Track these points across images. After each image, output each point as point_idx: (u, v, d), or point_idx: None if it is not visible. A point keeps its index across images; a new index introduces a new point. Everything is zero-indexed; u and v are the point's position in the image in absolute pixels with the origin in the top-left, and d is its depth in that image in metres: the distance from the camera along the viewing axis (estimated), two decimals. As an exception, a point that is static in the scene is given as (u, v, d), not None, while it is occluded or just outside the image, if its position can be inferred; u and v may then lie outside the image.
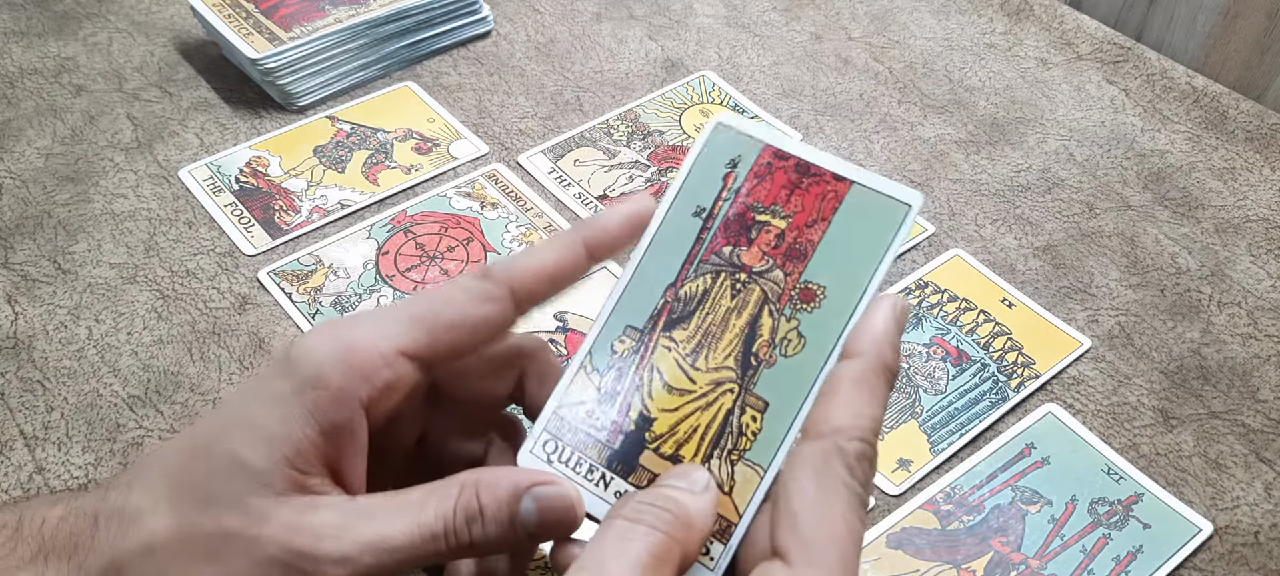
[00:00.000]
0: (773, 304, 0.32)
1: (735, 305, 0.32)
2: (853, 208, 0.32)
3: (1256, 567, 0.42)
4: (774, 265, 0.32)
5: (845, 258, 0.32)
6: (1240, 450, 0.46)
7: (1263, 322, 0.51)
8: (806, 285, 0.32)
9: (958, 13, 0.70)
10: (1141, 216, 0.57)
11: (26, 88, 0.61)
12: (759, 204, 0.33)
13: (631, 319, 0.33)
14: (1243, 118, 0.63)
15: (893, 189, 0.32)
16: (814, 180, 0.33)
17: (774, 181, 0.33)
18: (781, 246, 0.32)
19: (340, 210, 0.54)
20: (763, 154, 0.33)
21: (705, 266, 0.33)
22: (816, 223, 0.32)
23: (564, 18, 0.68)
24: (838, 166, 0.32)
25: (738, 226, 0.33)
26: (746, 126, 0.34)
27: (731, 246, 0.33)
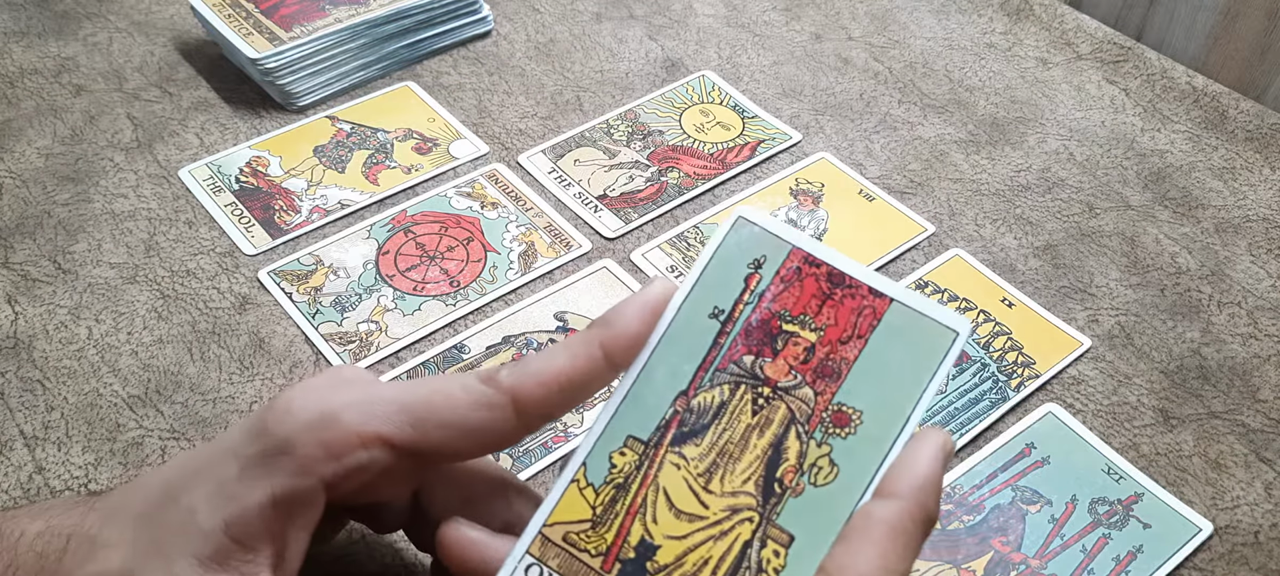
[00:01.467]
0: (801, 425, 0.28)
1: (757, 423, 0.29)
2: (893, 327, 0.29)
3: (1256, 567, 0.42)
4: (803, 382, 0.29)
5: (884, 382, 0.28)
6: (1240, 450, 0.46)
7: (1263, 322, 0.51)
8: (840, 408, 0.28)
9: (958, 13, 0.70)
10: (1141, 216, 0.57)
11: (26, 88, 0.61)
12: (786, 312, 0.30)
13: (635, 428, 0.29)
14: (1243, 118, 0.63)
15: (938, 312, 0.29)
16: (848, 292, 0.30)
17: (803, 289, 0.30)
18: (811, 361, 0.29)
19: (340, 210, 0.54)
20: (791, 257, 0.30)
21: (722, 375, 0.29)
22: (852, 339, 0.29)
23: (564, 18, 0.68)
24: (875, 280, 0.29)
25: (762, 334, 0.30)
26: (772, 224, 0.31)
27: (754, 356, 0.29)
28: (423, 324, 0.49)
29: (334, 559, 0.40)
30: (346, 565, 0.40)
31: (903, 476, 0.27)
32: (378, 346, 0.48)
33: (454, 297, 0.50)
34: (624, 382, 0.30)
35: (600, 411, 0.30)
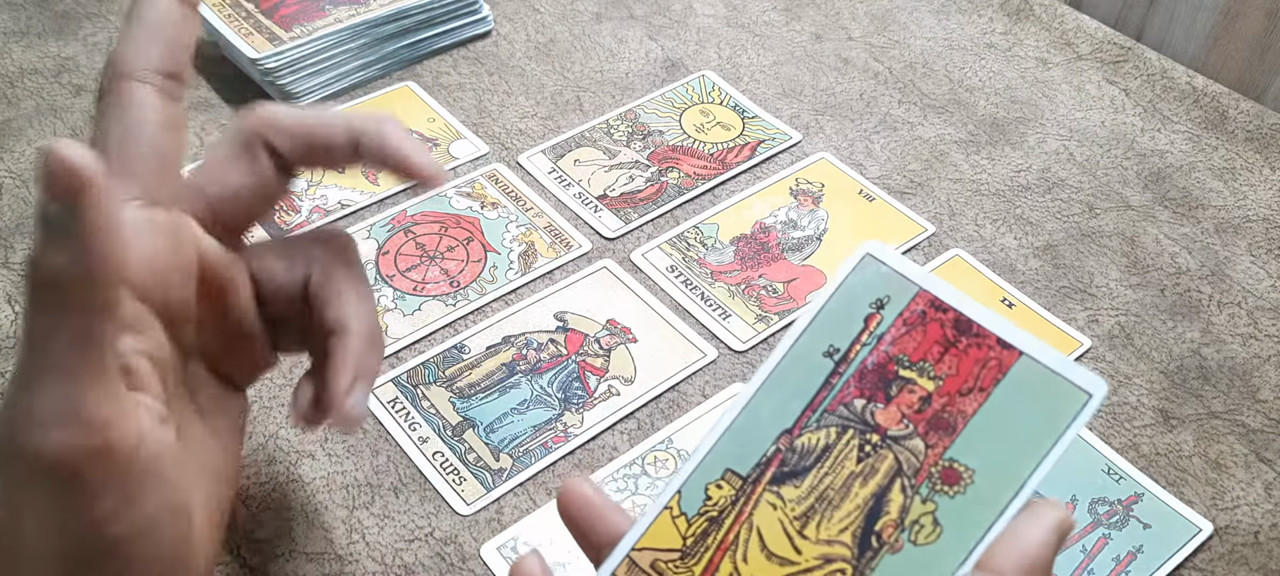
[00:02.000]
0: (907, 478, 0.27)
1: (861, 471, 0.27)
2: (1019, 383, 0.27)
3: (1256, 567, 0.42)
4: (914, 432, 0.27)
5: (1003, 442, 0.27)
6: (1240, 450, 0.46)
7: (1263, 322, 0.51)
8: (951, 464, 0.27)
9: (958, 13, 0.70)
10: (1141, 216, 0.57)
11: (26, 88, 0.61)
12: (905, 357, 0.28)
13: (734, 462, 0.28)
14: (1243, 118, 0.63)
15: (1071, 371, 0.27)
16: (974, 341, 0.28)
17: (927, 334, 0.28)
18: (926, 412, 0.28)
19: (340, 210, 0.54)
20: (917, 299, 0.29)
21: (830, 418, 0.28)
22: (972, 392, 0.27)
23: (564, 18, 0.68)
24: (1006, 331, 0.28)
25: (876, 379, 0.28)
26: (900, 263, 0.29)
27: (865, 400, 0.28)
28: (423, 324, 0.49)
29: (336, 558, 0.40)
30: (346, 565, 0.40)
31: (1010, 551, 0.25)
32: (378, 346, 0.48)
33: (454, 298, 0.50)
34: (728, 414, 0.29)
35: (701, 440, 0.29)
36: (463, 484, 0.43)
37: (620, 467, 0.44)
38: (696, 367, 0.48)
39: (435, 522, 0.42)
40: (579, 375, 0.47)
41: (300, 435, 0.44)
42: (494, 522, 0.42)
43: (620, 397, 0.46)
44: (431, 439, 0.44)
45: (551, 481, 0.43)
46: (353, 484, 0.43)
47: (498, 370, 0.47)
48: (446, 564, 0.40)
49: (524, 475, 0.43)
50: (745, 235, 0.54)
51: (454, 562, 0.40)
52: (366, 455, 0.44)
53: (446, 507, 0.42)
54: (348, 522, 0.41)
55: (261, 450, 0.44)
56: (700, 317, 0.50)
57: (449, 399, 0.46)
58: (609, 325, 0.49)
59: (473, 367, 0.47)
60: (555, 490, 0.43)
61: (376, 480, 0.43)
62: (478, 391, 0.46)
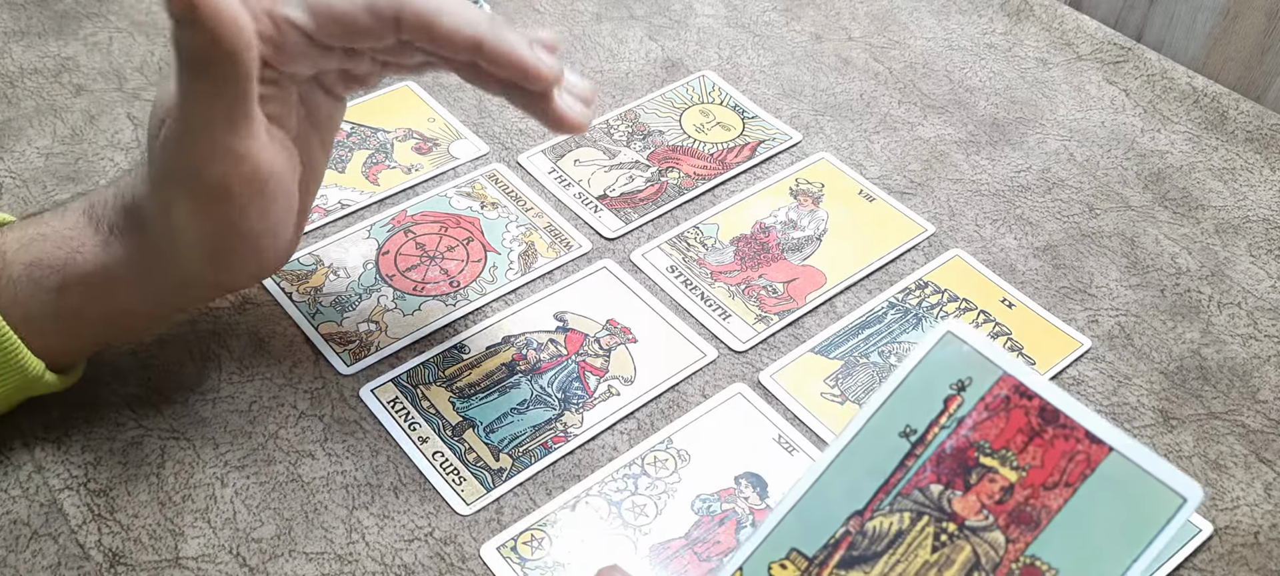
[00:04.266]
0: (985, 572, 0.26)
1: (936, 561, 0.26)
2: (1108, 481, 0.26)
3: (1256, 568, 0.42)
4: (994, 524, 0.26)
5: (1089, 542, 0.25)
6: (1240, 450, 0.46)
7: (1263, 323, 0.51)
8: (1034, 562, 0.25)
9: (958, 13, 0.70)
10: (1141, 216, 0.57)
11: (26, 87, 0.61)
12: (986, 443, 0.27)
13: (801, 541, 0.27)
14: (1243, 118, 0.63)
15: (1165, 472, 0.26)
16: (1062, 432, 0.27)
17: (1010, 421, 0.27)
18: (1007, 503, 0.26)
19: (340, 210, 0.54)
20: (1000, 383, 0.27)
21: (904, 502, 0.27)
22: (1058, 487, 0.26)
23: (564, 18, 0.68)
24: (1095, 424, 0.27)
25: (955, 464, 0.27)
26: (983, 344, 0.28)
27: (943, 487, 0.27)
28: (423, 324, 0.49)
29: (336, 558, 0.40)
30: (346, 565, 0.40)
31: None
32: (378, 346, 0.48)
33: (454, 298, 0.50)
34: (795, 489, 0.28)
35: (767, 516, 0.28)
36: (463, 484, 0.43)
37: (620, 467, 0.44)
38: (696, 368, 0.48)
39: (435, 522, 0.42)
40: (579, 375, 0.47)
41: (300, 435, 0.44)
42: (493, 522, 0.42)
43: (620, 397, 0.46)
44: (431, 439, 0.44)
45: (551, 481, 0.43)
46: (353, 484, 0.43)
47: (498, 370, 0.47)
48: (446, 564, 0.40)
49: (524, 475, 0.43)
50: (745, 235, 0.54)
51: (454, 562, 0.40)
52: (366, 455, 0.44)
53: (446, 507, 0.42)
54: (348, 522, 0.41)
55: (261, 450, 0.44)
56: (700, 317, 0.50)
57: (449, 399, 0.46)
58: (609, 325, 0.49)
59: (472, 367, 0.47)
60: (555, 490, 0.43)
61: (376, 480, 0.43)
62: (477, 391, 0.46)
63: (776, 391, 0.47)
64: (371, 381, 0.46)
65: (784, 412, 0.46)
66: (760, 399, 0.47)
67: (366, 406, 0.45)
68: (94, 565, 0.40)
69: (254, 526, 0.41)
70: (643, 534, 0.42)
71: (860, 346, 0.49)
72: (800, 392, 0.47)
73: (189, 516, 0.41)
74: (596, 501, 0.43)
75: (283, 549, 0.40)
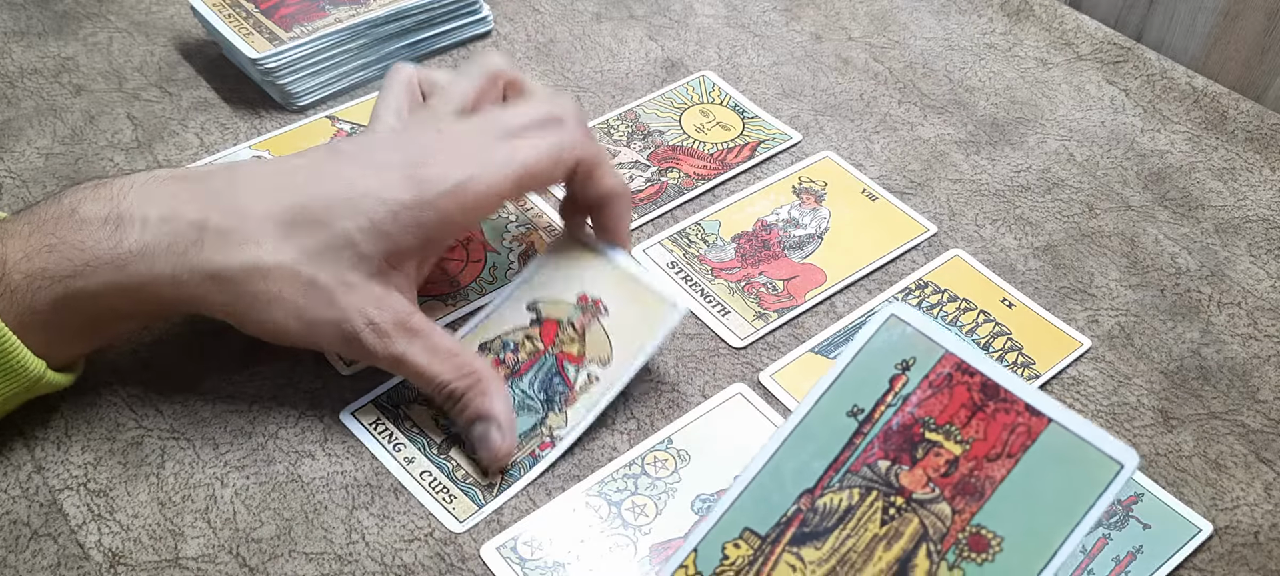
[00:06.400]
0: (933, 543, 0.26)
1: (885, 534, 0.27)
2: (1048, 451, 0.27)
3: (1256, 568, 0.42)
4: (940, 496, 0.27)
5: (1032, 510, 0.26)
6: (1240, 450, 0.46)
7: (1263, 323, 0.51)
8: (979, 531, 0.26)
9: (958, 13, 0.70)
10: (1141, 216, 0.57)
11: (26, 87, 0.61)
12: (931, 420, 0.28)
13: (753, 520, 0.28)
14: (1243, 118, 0.63)
15: (1102, 440, 0.27)
16: (1002, 406, 0.27)
17: (953, 397, 0.28)
18: (953, 476, 0.27)
19: (340, 210, 0.54)
20: (943, 361, 0.28)
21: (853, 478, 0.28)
22: (1000, 458, 0.27)
23: (564, 18, 0.68)
24: (1034, 397, 0.27)
25: (901, 440, 0.28)
26: (926, 325, 0.29)
27: (890, 462, 0.27)
28: (423, 324, 0.49)
29: (336, 557, 0.40)
30: (346, 565, 0.40)
31: None
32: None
33: (454, 297, 0.50)
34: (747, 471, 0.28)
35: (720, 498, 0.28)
36: (454, 502, 0.42)
37: (620, 467, 0.44)
38: (669, 328, 0.45)
39: (435, 522, 0.42)
40: (558, 369, 0.46)
41: (300, 435, 0.44)
42: (493, 523, 0.42)
43: (600, 383, 0.45)
44: (417, 459, 0.44)
45: (551, 481, 0.43)
46: (353, 484, 0.43)
47: None
48: (446, 564, 0.40)
49: (514, 489, 0.43)
50: (747, 232, 0.54)
51: (454, 562, 0.40)
52: (366, 455, 0.44)
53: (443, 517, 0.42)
54: (348, 522, 0.41)
55: (261, 450, 0.44)
56: (700, 314, 0.50)
57: (432, 415, 0.45)
58: (580, 302, 0.47)
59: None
60: (555, 490, 0.43)
61: (376, 480, 0.43)
62: None
63: (776, 391, 0.47)
64: (352, 404, 0.45)
65: (784, 412, 0.46)
66: (760, 399, 0.47)
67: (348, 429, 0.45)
68: (94, 565, 0.40)
69: (254, 526, 0.41)
70: (643, 534, 0.42)
71: (860, 346, 0.49)
72: (800, 393, 0.47)
73: (189, 516, 0.41)
74: (596, 501, 0.43)
75: (283, 549, 0.40)
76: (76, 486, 0.42)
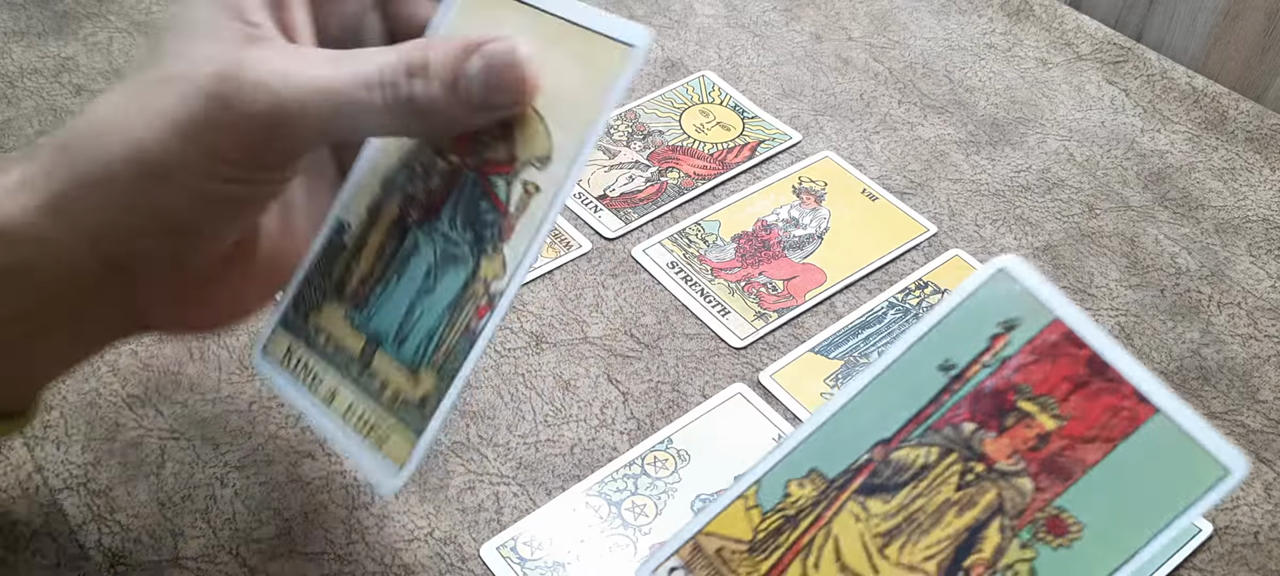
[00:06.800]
0: (1008, 517, 0.25)
1: (959, 499, 0.25)
2: (1149, 442, 0.25)
3: (1256, 568, 0.42)
4: (1025, 470, 0.25)
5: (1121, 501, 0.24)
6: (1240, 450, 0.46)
7: (1263, 323, 0.51)
8: (1060, 514, 0.25)
9: (958, 13, 0.70)
10: (1141, 216, 0.57)
11: (26, 87, 0.61)
12: (1028, 388, 0.26)
13: (822, 462, 0.26)
14: (1243, 118, 0.63)
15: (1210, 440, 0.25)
16: (1108, 386, 0.26)
17: (1056, 368, 0.26)
18: (1042, 451, 0.25)
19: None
20: (1051, 328, 0.27)
21: (934, 436, 0.26)
22: (1097, 441, 0.25)
23: (564, 18, 0.68)
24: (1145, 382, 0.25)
25: (992, 405, 0.26)
26: (1039, 285, 0.27)
27: (976, 426, 0.26)
28: (422, 324, 0.48)
29: (336, 558, 0.40)
30: (346, 565, 0.40)
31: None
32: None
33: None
34: (823, 410, 0.27)
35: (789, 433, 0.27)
36: (387, 442, 0.32)
37: (620, 468, 0.44)
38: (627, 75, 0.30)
39: (435, 522, 0.42)
40: (482, 186, 0.32)
41: (300, 435, 0.44)
42: (493, 522, 0.42)
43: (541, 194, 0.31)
44: (341, 390, 0.33)
45: (551, 481, 0.43)
46: (352, 484, 0.43)
47: (388, 239, 0.33)
48: (446, 564, 0.40)
49: (453, 393, 0.31)
50: (747, 232, 0.54)
51: (454, 562, 0.40)
52: (366, 455, 0.44)
53: (446, 507, 0.42)
54: (347, 522, 0.41)
55: (261, 450, 0.44)
56: (699, 314, 0.50)
57: (345, 315, 0.33)
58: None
59: (359, 251, 0.34)
60: (555, 489, 0.43)
61: (376, 480, 0.43)
62: (374, 283, 0.33)
63: (776, 391, 0.47)
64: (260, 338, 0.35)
65: (784, 412, 0.46)
66: (760, 399, 0.47)
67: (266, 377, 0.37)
68: (94, 565, 0.40)
69: (254, 526, 0.41)
70: (643, 534, 0.42)
71: (860, 346, 0.49)
72: (800, 393, 0.47)
73: (189, 516, 0.41)
74: (596, 501, 0.43)
75: (283, 549, 0.40)
76: (76, 486, 0.42)
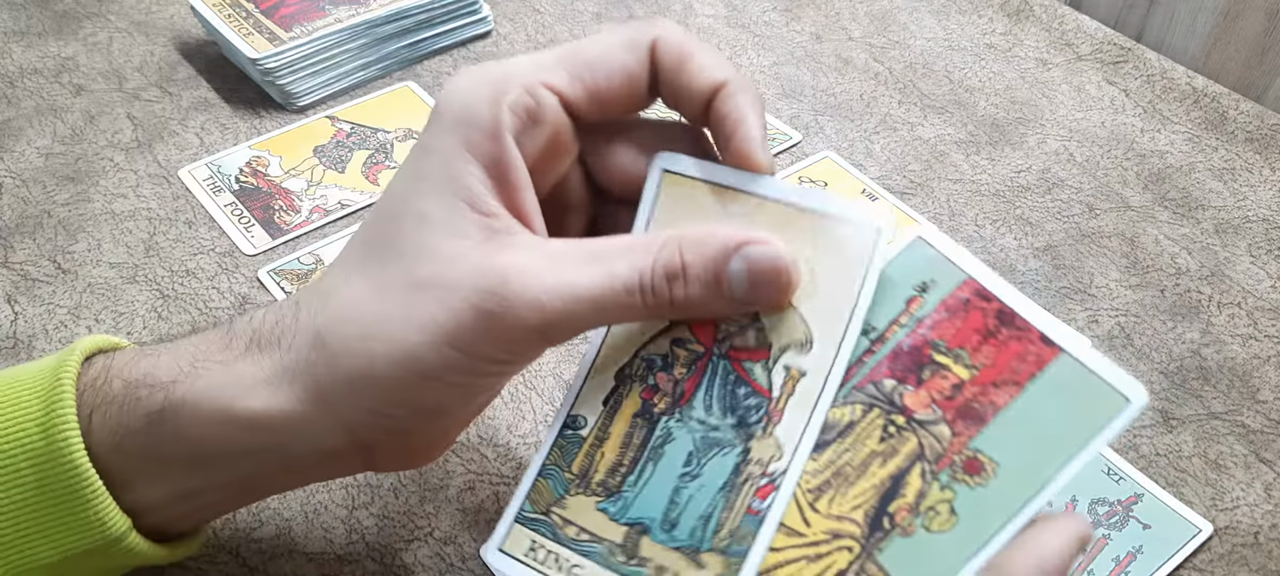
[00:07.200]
0: (928, 463, 0.26)
1: (882, 450, 0.27)
2: (1055, 381, 0.26)
3: (1256, 568, 0.42)
4: (942, 418, 0.27)
5: (1031, 438, 0.26)
6: (1240, 450, 0.46)
7: (1263, 323, 0.51)
8: (975, 455, 0.26)
9: (958, 13, 0.70)
10: (1141, 217, 0.57)
11: (26, 87, 0.61)
12: (943, 343, 0.27)
13: None
14: (1243, 118, 0.63)
15: (1110, 373, 0.26)
16: (1016, 334, 0.27)
17: (967, 321, 0.27)
18: (957, 399, 0.27)
19: (340, 210, 0.54)
20: (963, 287, 0.28)
21: (858, 395, 0.28)
22: (1006, 385, 0.26)
23: (564, 18, 0.68)
24: (1050, 327, 0.27)
25: (910, 361, 0.27)
26: (950, 248, 0.29)
27: (895, 382, 0.27)
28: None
29: (336, 558, 0.40)
30: (346, 565, 0.40)
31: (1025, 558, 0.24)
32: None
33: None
34: None
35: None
36: None
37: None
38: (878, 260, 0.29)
39: (435, 522, 0.42)
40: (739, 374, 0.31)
41: (300, 435, 0.44)
42: (493, 522, 0.42)
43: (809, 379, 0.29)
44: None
45: (551, 481, 0.43)
46: (352, 484, 0.43)
47: (633, 429, 0.32)
48: (446, 564, 0.40)
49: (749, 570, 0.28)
50: (745, 235, 0.54)
51: (454, 562, 0.40)
52: (366, 455, 0.44)
53: (446, 507, 0.42)
54: (347, 522, 0.41)
55: (261, 450, 0.44)
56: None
57: (597, 506, 0.31)
58: None
59: (600, 443, 0.32)
60: (555, 490, 0.43)
61: (376, 480, 0.43)
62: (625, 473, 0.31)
63: (776, 391, 0.47)
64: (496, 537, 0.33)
65: (784, 413, 0.46)
66: (760, 399, 0.47)
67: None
68: (94, 565, 0.40)
69: (254, 526, 0.41)
70: (643, 534, 0.41)
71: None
72: (800, 393, 0.47)
73: (189, 516, 0.41)
74: (597, 501, 0.42)
75: (283, 549, 0.40)
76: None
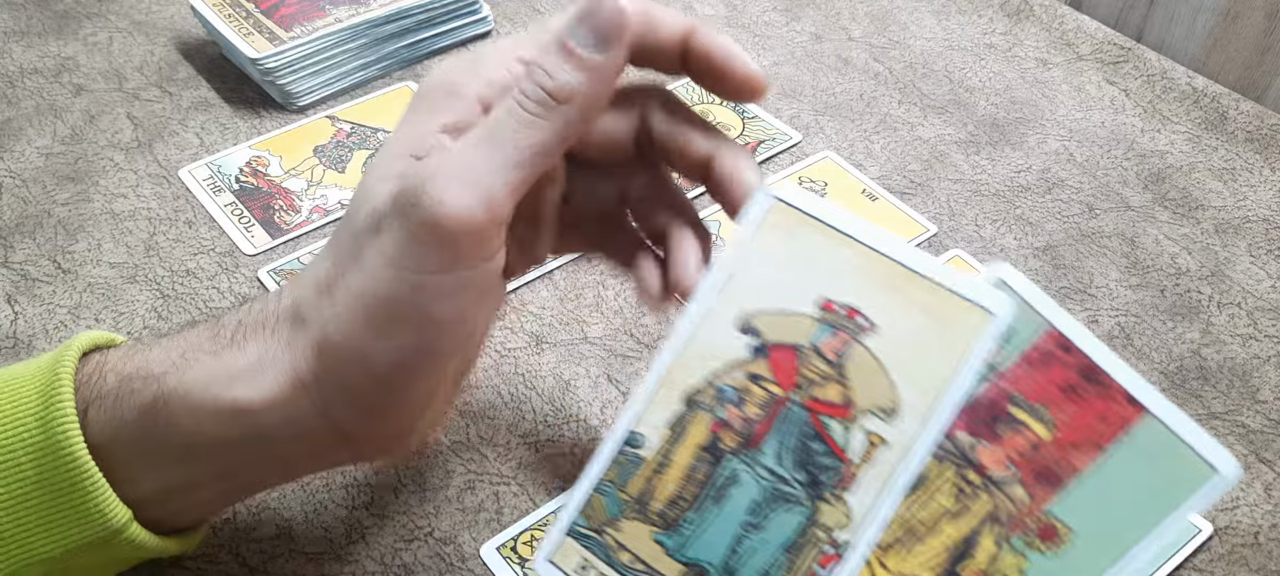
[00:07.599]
0: (1001, 525, 0.25)
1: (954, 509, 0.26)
2: (1140, 445, 0.25)
3: (1256, 568, 0.42)
4: (1017, 478, 0.26)
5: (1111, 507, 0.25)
6: (1240, 450, 0.46)
7: (1263, 323, 0.51)
8: (1051, 520, 0.25)
9: (958, 13, 0.70)
10: (1141, 217, 0.57)
11: (26, 87, 0.61)
12: (1021, 397, 0.26)
13: None
14: (1243, 118, 0.63)
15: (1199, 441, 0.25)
16: (1100, 392, 0.26)
17: (1049, 376, 0.26)
18: (1034, 460, 0.26)
19: (340, 210, 0.54)
20: (1045, 338, 0.27)
21: None
22: (1087, 447, 0.25)
23: (564, 18, 0.68)
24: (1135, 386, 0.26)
25: (986, 414, 0.26)
26: (1032, 294, 0.27)
27: (971, 436, 0.26)
28: (423, 324, 0.48)
29: (336, 558, 0.40)
30: (346, 565, 0.40)
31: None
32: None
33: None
34: None
35: None
36: None
37: (620, 468, 0.44)
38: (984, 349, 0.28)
39: (435, 522, 0.42)
40: (815, 427, 0.29)
41: (300, 435, 0.44)
42: (493, 522, 0.42)
43: (892, 448, 0.28)
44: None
45: (551, 482, 0.43)
46: (353, 483, 0.43)
47: (698, 461, 0.30)
48: (446, 563, 0.40)
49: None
50: (745, 235, 0.54)
51: (454, 562, 0.40)
52: (366, 455, 0.44)
53: (446, 507, 0.42)
54: (347, 522, 0.41)
55: (261, 450, 0.44)
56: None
57: (652, 536, 0.30)
58: (825, 311, 0.30)
59: (662, 469, 0.30)
60: (555, 489, 0.43)
61: (376, 479, 0.43)
62: (685, 507, 0.30)
63: (776, 391, 0.47)
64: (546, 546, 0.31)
65: (784, 412, 0.46)
66: (760, 399, 0.47)
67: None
68: (94, 565, 0.40)
69: (254, 526, 0.41)
70: (643, 534, 0.41)
71: (860, 346, 0.49)
72: (800, 393, 0.47)
73: (189, 516, 0.41)
74: (596, 501, 0.42)
75: (283, 549, 0.40)
76: (76, 486, 0.42)
